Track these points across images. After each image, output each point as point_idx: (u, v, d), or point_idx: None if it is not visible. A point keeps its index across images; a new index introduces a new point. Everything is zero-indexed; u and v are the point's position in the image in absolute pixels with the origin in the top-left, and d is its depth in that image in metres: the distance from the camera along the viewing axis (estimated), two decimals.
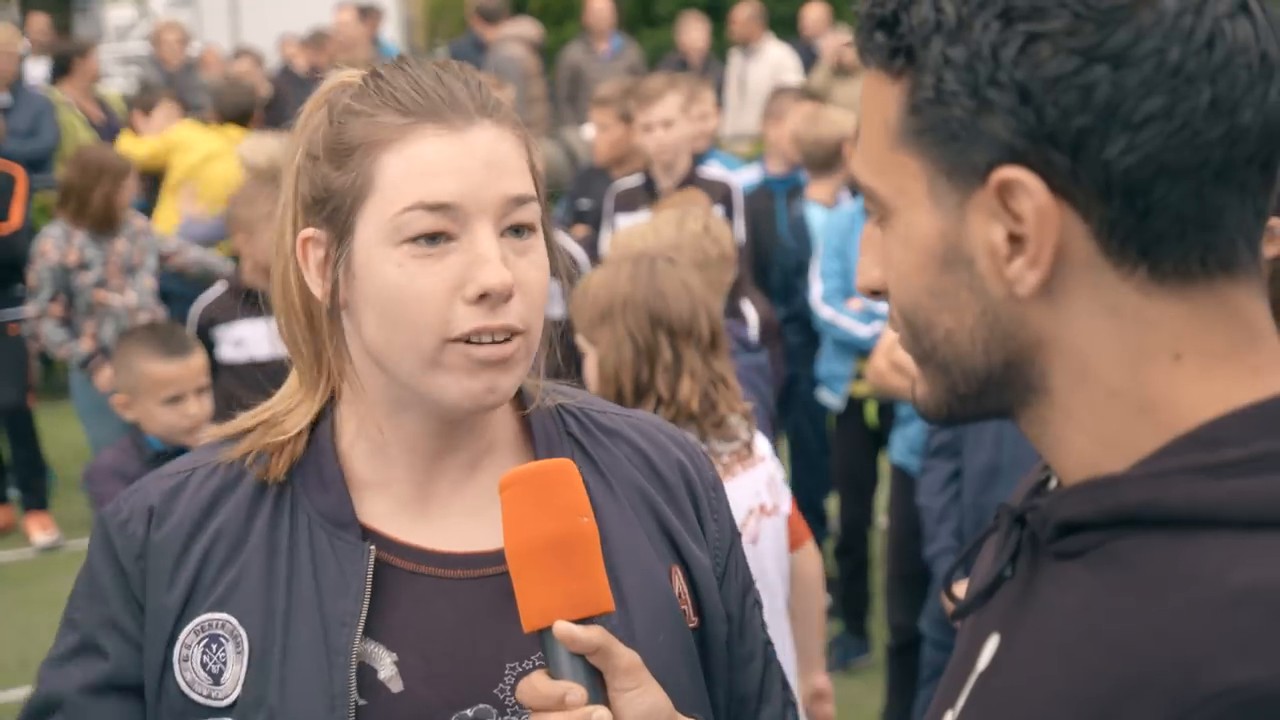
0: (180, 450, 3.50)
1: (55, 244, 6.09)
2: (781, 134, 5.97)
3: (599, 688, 1.31)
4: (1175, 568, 0.96)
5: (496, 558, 1.42)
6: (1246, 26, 0.95)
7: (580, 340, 2.92)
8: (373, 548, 1.44)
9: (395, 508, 1.48)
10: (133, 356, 3.80)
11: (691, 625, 1.53)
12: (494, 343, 1.37)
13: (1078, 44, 0.94)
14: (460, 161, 1.36)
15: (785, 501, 3.07)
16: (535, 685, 1.30)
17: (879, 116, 1.04)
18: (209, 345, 4.86)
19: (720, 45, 12.45)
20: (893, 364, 4.15)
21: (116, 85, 12.61)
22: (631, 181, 5.70)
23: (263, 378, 1.75)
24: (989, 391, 1.07)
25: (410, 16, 16.53)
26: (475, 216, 1.36)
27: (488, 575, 1.45)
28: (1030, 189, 0.97)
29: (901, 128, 1.03)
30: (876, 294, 1.12)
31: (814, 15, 12.31)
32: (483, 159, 1.37)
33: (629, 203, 5.56)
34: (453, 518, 1.49)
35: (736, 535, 1.64)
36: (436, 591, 1.45)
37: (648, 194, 5.54)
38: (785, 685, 1.69)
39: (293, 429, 1.48)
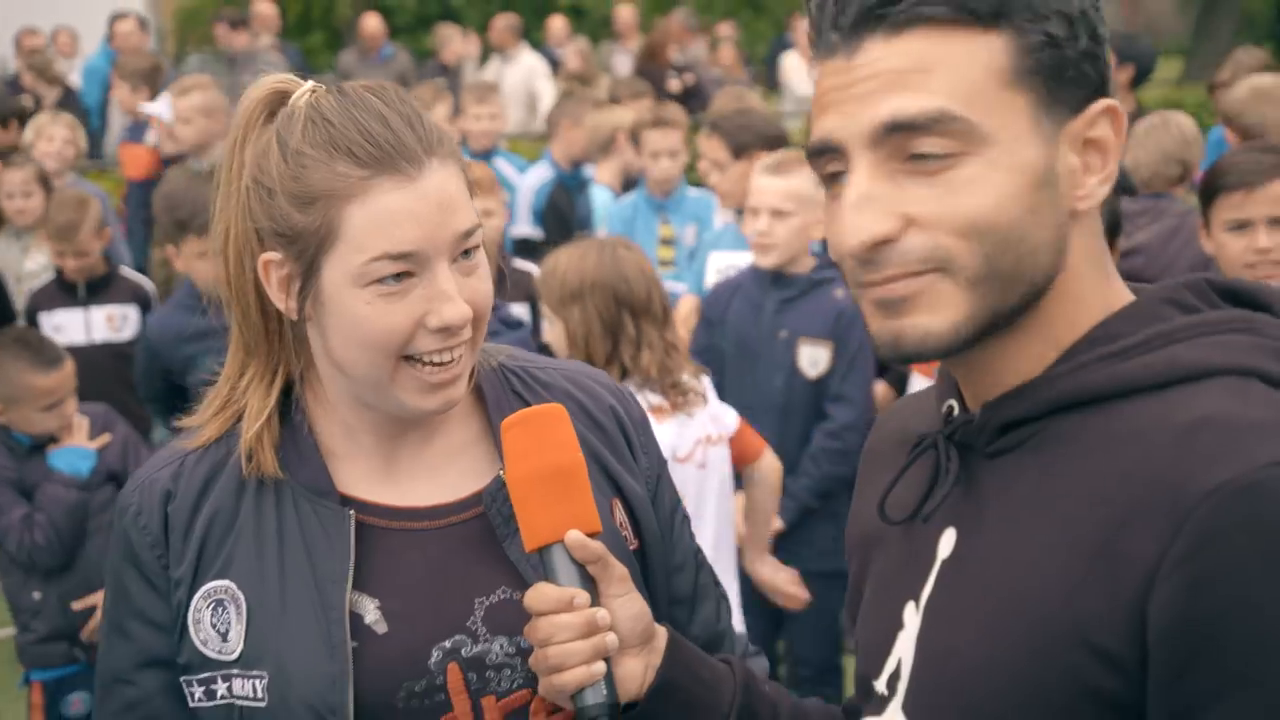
0: (50, 439, 3.89)
1: None
2: (577, 135, 6.76)
3: (595, 595, 1.47)
4: (1121, 428, 1.14)
5: (457, 508, 1.60)
6: None
7: (547, 311, 3.31)
8: (352, 512, 1.55)
9: (364, 474, 1.60)
10: (9, 370, 3.87)
11: (632, 547, 1.66)
12: (443, 365, 1.50)
13: (1102, 18, 1.18)
14: (418, 210, 1.45)
15: (729, 424, 3.50)
16: (544, 592, 1.45)
17: (978, 59, 1.14)
18: (34, 327, 5.15)
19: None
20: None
21: None
22: None
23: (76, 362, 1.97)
24: (1020, 307, 1.18)
25: (160, 25, 16.48)
26: (433, 257, 1.46)
27: (452, 524, 1.59)
28: (1118, 115, 1.16)
29: (1014, 68, 1.14)
30: (878, 246, 1.16)
31: (556, 26, 13.30)
32: (435, 203, 1.46)
33: None
34: (417, 478, 1.61)
35: (663, 463, 1.78)
36: (408, 543, 1.57)
37: None
38: (716, 583, 1.83)
39: (261, 412, 1.57)
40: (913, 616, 1.27)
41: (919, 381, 4.00)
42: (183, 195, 4.16)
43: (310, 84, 1.53)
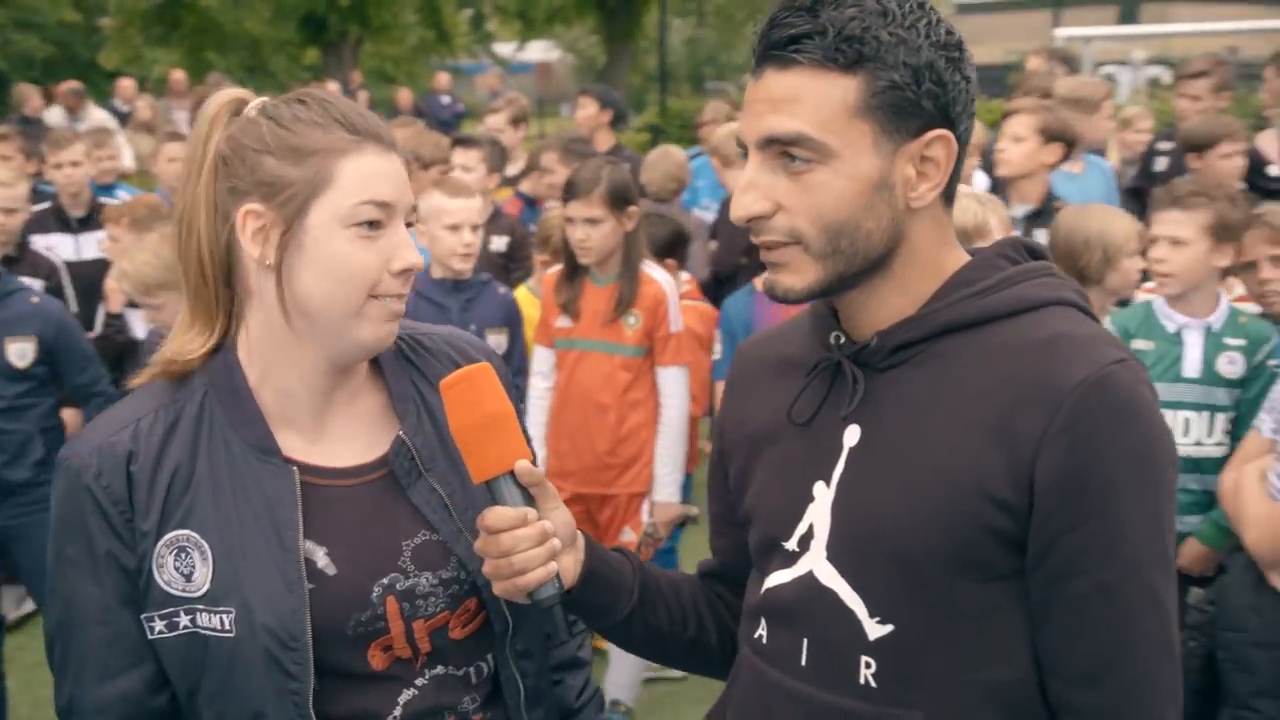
0: None
1: None
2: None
3: (537, 511, 1.68)
4: (992, 343, 1.47)
5: (371, 467, 1.78)
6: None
7: (141, 299, 3.96)
8: (295, 468, 1.71)
9: (298, 436, 1.76)
10: None
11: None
12: (400, 296, 1.71)
13: (959, 66, 1.48)
14: (392, 174, 1.70)
15: None
16: (501, 514, 1.64)
17: (835, 96, 1.43)
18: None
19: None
20: None
21: None
22: (41, 206, 7.05)
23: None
24: (863, 272, 1.49)
25: None
26: (398, 214, 1.71)
27: (372, 480, 1.77)
28: (949, 141, 1.46)
29: (862, 104, 1.43)
30: (752, 220, 1.48)
31: (125, 85, 14.89)
32: (400, 176, 1.72)
33: (41, 224, 6.93)
34: (338, 442, 1.78)
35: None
36: (340, 497, 1.75)
37: (56, 217, 7.03)
38: None
39: (197, 352, 1.73)
40: (823, 491, 1.55)
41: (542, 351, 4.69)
42: None
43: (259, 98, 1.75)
